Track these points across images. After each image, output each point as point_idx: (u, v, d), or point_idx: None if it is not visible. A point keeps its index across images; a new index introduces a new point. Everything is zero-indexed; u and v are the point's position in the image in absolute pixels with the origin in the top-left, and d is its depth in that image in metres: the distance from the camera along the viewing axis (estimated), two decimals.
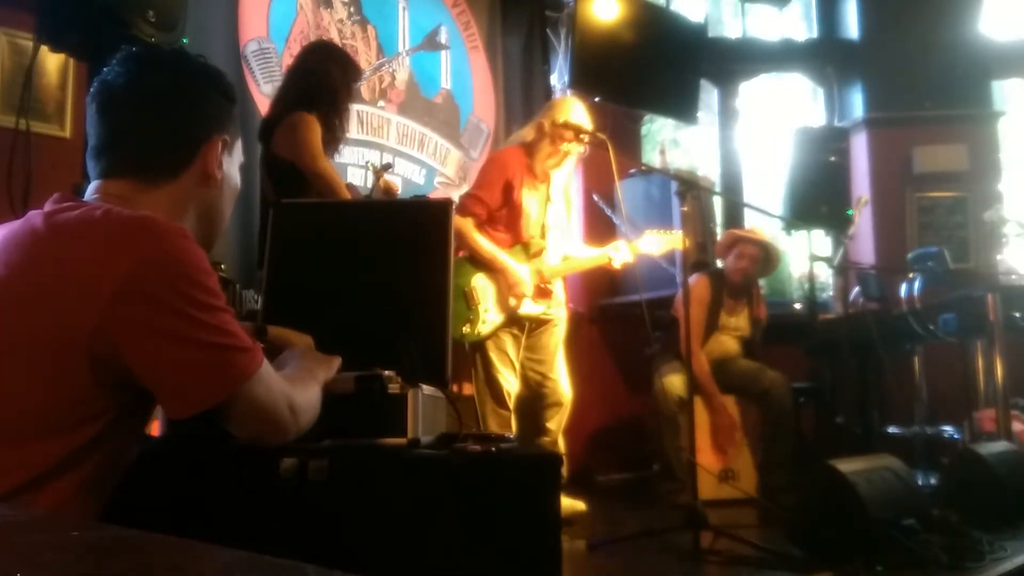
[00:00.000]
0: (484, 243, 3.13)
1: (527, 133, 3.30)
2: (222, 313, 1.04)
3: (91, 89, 1.17)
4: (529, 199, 3.22)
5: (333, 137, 2.89)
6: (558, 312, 3.32)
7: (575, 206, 3.58)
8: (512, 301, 3.14)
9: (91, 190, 1.14)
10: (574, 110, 3.22)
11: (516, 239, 3.21)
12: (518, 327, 3.21)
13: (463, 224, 3.10)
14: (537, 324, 3.28)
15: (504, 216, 3.19)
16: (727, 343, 4.07)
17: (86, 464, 1.01)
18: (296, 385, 1.17)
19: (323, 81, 2.85)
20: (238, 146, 1.28)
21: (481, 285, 3.13)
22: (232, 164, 1.26)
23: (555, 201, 3.32)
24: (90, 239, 1.02)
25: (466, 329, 3.07)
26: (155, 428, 1.41)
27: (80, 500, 1.01)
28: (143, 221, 1.03)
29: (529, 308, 3.20)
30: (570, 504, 3.16)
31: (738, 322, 4.11)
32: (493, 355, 3.14)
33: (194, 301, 1.01)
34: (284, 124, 2.76)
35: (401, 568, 1.16)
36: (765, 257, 4.01)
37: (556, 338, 3.32)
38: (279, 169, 2.75)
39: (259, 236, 2.93)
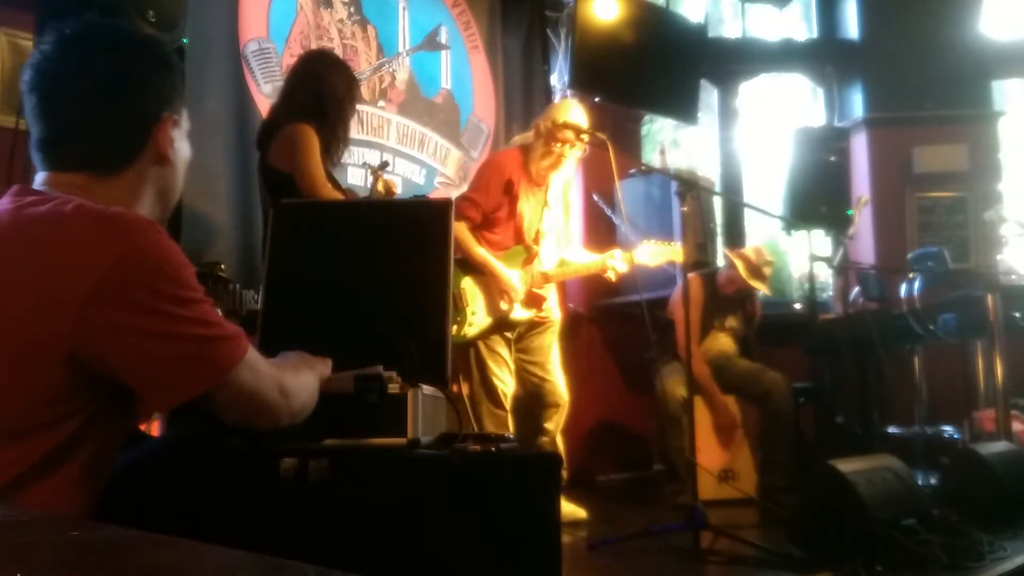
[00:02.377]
0: (476, 248, 3.13)
1: (526, 136, 3.31)
2: (201, 304, 1.03)
3: (25, 77, 1.12)
4: (525, 203, 3.21)
5: (336, 147, 2.85)
6: (553, 315, 3.32)
7: (573, 211, 3.56)
8: (504, 305, 3.14)
9: (41, 181, 1.11)
10: (572, 111, 3.21)
11: (514, 241, 3.21)
12: (507, 331, 3.21)
13: (457, 227, 3.09)
14: (529, 327, 3.28)
15: (501, 219, 3.19)
16: (723, 341, 4.07)
17: (70, 462, 1.01)
18: (287, 369, 1.17)
19: (327, 92, 2.79)
20: (185, 115, 1.23)
21: (469, 287, 3.13)
22: (182, 136, 1.22)
23: (553, 207, 3.31)
24: (63, 237, 1.00)
25: (452, 330, 3.06)
26: (155, 428, 1.41)
27: (67, 498, 1.01)
28: (116, 218, 1.01)
29: (518, 314, 3.19)
30: (571, 511, 3.14)
31: (733, 320, 4.12)
32: (487, 357, 3.14)
33: (172, 297, 1.00)
34: (282, 136, 2.71)
35: (401, 568, 1.15)
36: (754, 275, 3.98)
37: (551, 338, 3.32)
38: (275, 179, 2.70)
39: (263, 241, 2.91)
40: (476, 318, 3.11)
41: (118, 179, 1.12)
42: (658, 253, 3.26)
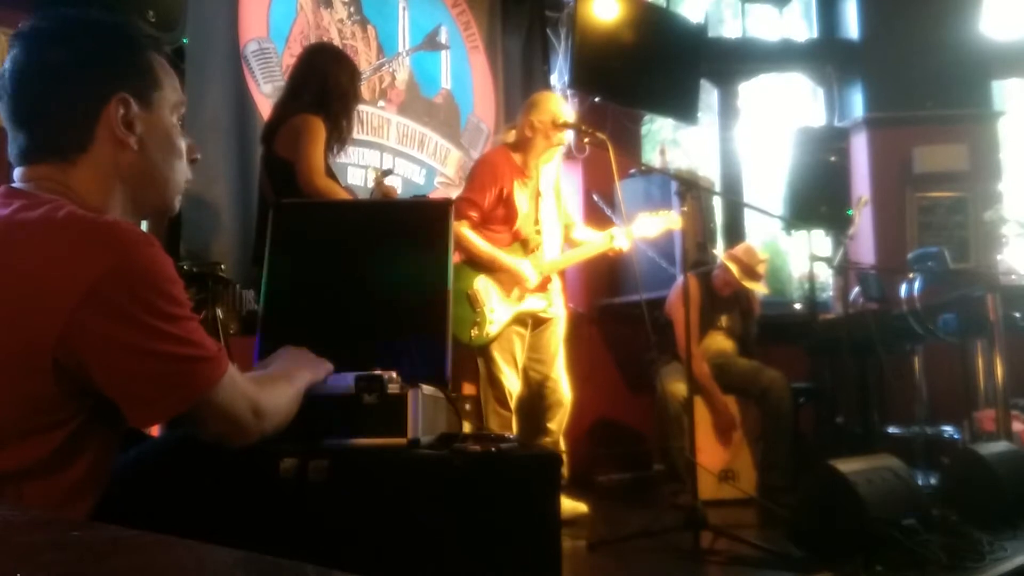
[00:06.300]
0: (482, 244, 3.13)
1: (511, 134, 3.32)
2: (186, 322, 1.03)
3: None
4: (520, 197, 3.23)
5: (340, 139, 2.89)
6: (557, 310, 3.32)
7: (564, 197, 3.57)
8: (516, 292, 3.15)
9: (17, 177, 1.11)
10: (561, 105, 3.26)
11: (514, 237, 3.21)
12: (522, 325, 3.21)
13: (458, 228, 3.10)
14: (538, 322, 3.28)
15: (499, 216, 3.20)
16: (722, 341, 4.07)
17: (66, 468, 1.01)
18: (265, 387, 1.16)
19: (331, 86, 2.83)
20: (162, 96, 1.16)
21: (483, 286, 3.13)
22: (156, 118, 1.15)
23: (546, 196, 3.32)
24: (55, 245, 0.99)
25: (474, 332, 3.06)
26: (155, 428, 1.40)
27: (64, 504, 1.01)
28: (108, 228, 1.01)
29: (532, 304, 3.20)
30: (572, 506, 3.15)
31: (731, 319, 4.12)
32: (497, 355, 3.13)
33: (158, 312, 0.99)
34: (288, 125, 2.74)
35: (401, 568, 1.15)
36: (749, 275, 3.97)
37: (557, 337, 3.32)
38: (280, 169, 2.73)
39: (256, 233, 2.92)
40: (495, 315, 3.11)
41: (79, 167, 1.10)
42: (656, 223, 3.29)
